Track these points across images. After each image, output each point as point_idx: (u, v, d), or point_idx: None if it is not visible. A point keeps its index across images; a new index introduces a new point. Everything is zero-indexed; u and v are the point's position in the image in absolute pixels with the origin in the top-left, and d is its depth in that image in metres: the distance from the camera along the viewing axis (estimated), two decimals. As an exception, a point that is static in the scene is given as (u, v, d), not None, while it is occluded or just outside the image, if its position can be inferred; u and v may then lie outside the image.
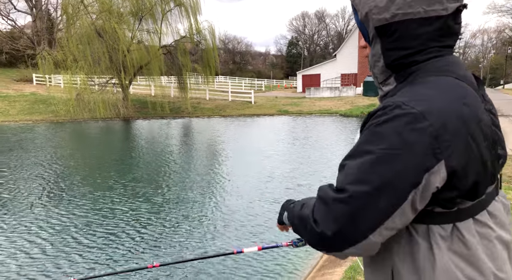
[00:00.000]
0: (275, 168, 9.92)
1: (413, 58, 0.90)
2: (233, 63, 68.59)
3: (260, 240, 5.57)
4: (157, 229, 5.94)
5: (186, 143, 15.23)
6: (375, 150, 0.81)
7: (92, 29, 22.14)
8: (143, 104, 25.94)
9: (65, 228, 5.97)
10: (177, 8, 24.19)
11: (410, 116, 0.79)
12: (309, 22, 72.75)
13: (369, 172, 0.80)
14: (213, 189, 8.24)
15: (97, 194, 7.77)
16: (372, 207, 0.80)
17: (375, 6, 0.90)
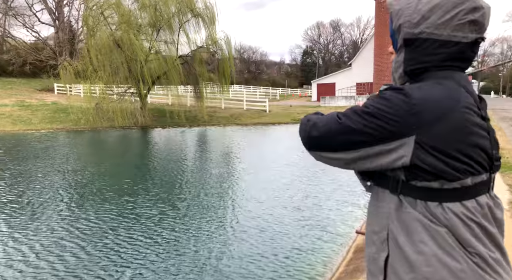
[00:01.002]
0: (293, 176, 9.92)
1: (427, 70, 1.07)
2: (248, 72, 69.07)
3: (281, 246, 5.60)
4: (181, 233, 6.02)
5: (203, 151, 15.40)
6: (370, 106, 1.01)
7: (111, 40, 22.73)
8: (160, 112, 26.35)
9: (92, 232, 6.09)
10: (194, 19, 24.61)
11: (403, 93, 0.98)
12: (324, 32, 72.96)
13: (357, 116, 1.01)
14: (232, 195, 8.29)
15: (121, 199, 7.91)
16: (341, 137, 1.03)
17: (408, 21, 1.06)
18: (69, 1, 42.75)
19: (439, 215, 0.97)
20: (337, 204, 7.65)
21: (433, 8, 1.02)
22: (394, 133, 0.97)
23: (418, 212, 0.99)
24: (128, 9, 24.43)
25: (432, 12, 1.02)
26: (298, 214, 7.07)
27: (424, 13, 1.03)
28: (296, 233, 6.13)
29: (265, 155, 14.00)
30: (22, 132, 21.50)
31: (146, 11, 24.06)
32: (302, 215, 6.99)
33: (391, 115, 0.96)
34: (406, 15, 1.06)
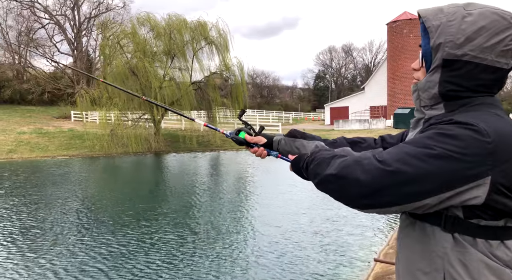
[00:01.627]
0: (311, 200, 9.67)
1: (466, 94, 0.99)
2: (261, 96, 69.75)
3: (300, 271, 5.46)
4: (200, 258, 5.83)
5: (216, 175, 15.27)
6: (434, 147, 0.89)
7: (126, 68, 23.32)
8: (173, 138, 26.55)
9: (112, 257, 6.06)
10: (207, 46, 25.14)
11: (475, 129, 0.88)
12: (336, 56, 73.66)
13: (419, 160, 0.88)
14: (250, 219, 8.17)
15: (139, 223, 7.84)
16: (402, 189, 0.89)
17: (451, 40, 0.96)
18: (87, 31, 44.58)
19: (501, 254, 0.93)
20: (356, 229, 7.42)
21: (480, 30, 0.94)
22: (469, 176, 0.88)
23: (480, 252, 0.93)
24: (143, 38, 25.21)
25: (478, 34, 0.94)
26: (317, 239, 6.94)
27: (470, 35, 0.95)
28: (315, 258, 6.02)
29: (280, 179, 13.77)
30: (40, 159, 21.85)
31: (161, 39, 24.75)
32: (321, 240, 6.87)
33: (465, 157, 0.87)
34: (449, 33, 0.97)
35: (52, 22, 42.50)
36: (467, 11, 0.97)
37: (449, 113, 1.00)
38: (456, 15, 0.97)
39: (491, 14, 0.95)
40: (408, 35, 33.38)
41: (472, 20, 0.95)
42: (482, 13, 0.95)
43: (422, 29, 1.04)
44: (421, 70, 1.08)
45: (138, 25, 24.73)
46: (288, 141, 1.45)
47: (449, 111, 1.01)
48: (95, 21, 39.69)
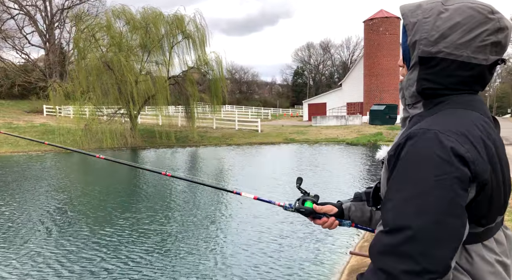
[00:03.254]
0: (286, 193, 9.71)
1: (443, 92, 0.98)
2: (240, 92, 69.63)
3: (275, 263, 5.40)
4: (162, 259, 5.74)
5: (194, 171, 15.12)
6: (427, 177, 0.85)
7: (101, 62, 22.74)
8: (150, 133, 26.13)
9: (64, 259, 5.81)
10: (184, 41, 24.84)
11: (449, 144, 0.86)
12: (314, 52, 74.25)
13: (426, 200, 0.83)
14: (222, 216, 8.06)
15: (102, 225, 7.62)
16: (445, 234, 0.82)
17: (426, 38, 0.96)
18: (60, 23, 43.11)
19: (462, 259, 0.94)
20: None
21: (454, 26, 0.93)
22: (469, 180, 0.87)
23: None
24: (119, 31, 24.62)
25: (452, 31, 0.93)
26: (293, 232, 6.96)
27: (444, 31, 0.93)
28: (290, 252, 6.03)
29: (259, 174, 13.80)
30: (9, 155, 21.04)
31: (137, 33, 24.24)
32: (297, 234, 6.88)
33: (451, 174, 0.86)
34: (423, 31, 0.96)
35: (22, 13, 40.86)
36: (444, 6, 0.95)
37: (427, 112, 0.99)
38: (433, 11, 0.95)
39: (467, 9, 0.93)
40: (384, 33, 34.01)
41: (448, 16, 0.93)
42: (458, 9, 0.93)
43: (402, 26, 1.04)
44: (404, 68, 1.07)
45: (113, 18, 24.13)
46: (357, 206, 1.35)
47: (427, 109, 1.00)
48: (68, 13, 38.40)
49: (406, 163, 0.89)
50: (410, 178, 0.87)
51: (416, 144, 0.89)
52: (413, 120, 1.02)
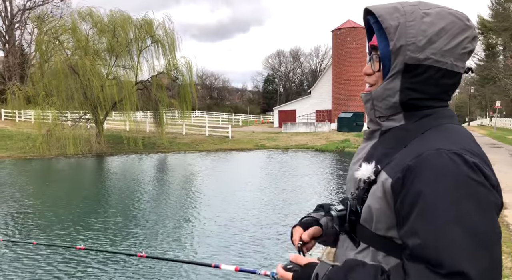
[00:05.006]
0: (255, 201, 9.68)
1: (428, 103, 0.92)
2: (211, 98, 69.32)
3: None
4: (129, 267, 5.53)
5: (160, 179, 14.79)
6: (469, 207, 0.76)
7: (66, 65, 21.95)
8: (117, 139, 25.40)
9: (36, 267, 5.46)
10: (154, 45, 24.50)
11: (473, 164, 0.79)
12: (284, 60, 75.28)
13: (478, 235, 0.75)
14: (189, 225, 7.90)
15: (63, 236, 7.26)
16: (499, 270, 0.76)
17: (413, 43, 0.87)
18: (21, 24, 41.31)
19: None
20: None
21: (440, 31, 0.87)
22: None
23: None
24: (85, 34, 23.89)
25: (439, 36, 0.87)
26: (261, 240, 6.90)
27: (431, 36, 0.87)
28: (257, 259, 5.97)
29: (228, 181, 13.69)
30: (-38, 162, 19.76)
31: (104, 36, 23.62)
32: (263, 242, 6.80)
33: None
34: (410, 35, 0.87)
35: (-20, 12, 38.82)
36: (423, 10, 0.89)
37: (413, 125, 0.92)
38: (414, 15, 0.88)
39: (448, 15, 0.89)
40: (352, 43, 35.02)
41: (431, 20, 0.87)
42: (439, 13, 0.88)
43: (377, 29, 0.94)
44: (375, 75, 0.97)
45: (79, 20, 23.41)
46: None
47: (413, 122, 0.92)
48: (30, 14, 36.87)
49: (437, 190, 0.78)
50: (450, 208, 0.76)
51: (443, 167, 0.79)
52: (396, 134, 0.93)
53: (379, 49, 0.94)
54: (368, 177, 0.91)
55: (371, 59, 0.98)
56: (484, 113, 56.36)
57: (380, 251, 0.91)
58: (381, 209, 0.88)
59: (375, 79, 0.97)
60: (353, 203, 0.96)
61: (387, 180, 0.86)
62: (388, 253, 0.89)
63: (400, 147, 0.90)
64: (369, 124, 1.01)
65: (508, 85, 31.77)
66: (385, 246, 0.90)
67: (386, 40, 0.91)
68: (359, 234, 0.95)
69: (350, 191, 1.01)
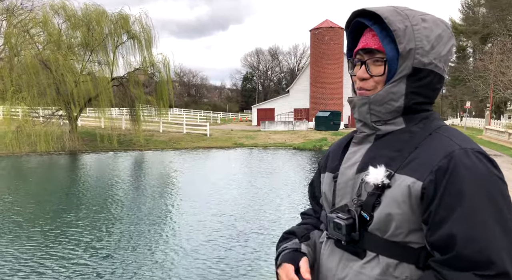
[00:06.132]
0: (232, 200, 9.66)
1: (425, 107, 0.94)
2: (188, 95, 68.61)
3: (222, 269, 5.36)
4: (103, 268, 5.40)
5: (135, 177, 14.53)
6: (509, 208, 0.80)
7: (37, 60, 21.17)
8: (92, 136, 24.77)
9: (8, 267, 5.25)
10: (130, 41, 23.99)
11: (494, 162, 0.84)
12: (263, 58, 75.33)
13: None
14: (164, 224, 7.80)
15: (34, 236, 7.01)
16: None
17: (421, 47, 0.88)
18: (-11, 16, 39.53)
19: None
20: (277, 231, 7.55)
21: (438, 37, 0.90)
22: None
23: None
24: (57, 28, 23.11)
25: (438, 42, 0.89)
26: (238, 239, 6.90)
27: (433, 42, 0.89)
28: (236, 257, 5.98)
29: (204, 180, 13.60)
30: None
31: (78, 31, 22.93)
32: (243, 239, 6.83)
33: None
34: (418, 39, 0.87)
35: None
36: (420, 16, 0.90)
37: (415, 127, 0.92)
38: (416, 19, 0.89)
39: (439, 22, 0.91)
40: (329, 42, 35.43)
41: (429, 26, 0.89)
42: (433, 20, 0.91)
43: (378, 31, 0.92)
44: (372, 79, 0.94)
45: (51, 13, 22.61)
46: (311, 249, 1.08)
47: (412, 125, 0.93)
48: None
49: (476, 190, 0.79)
50: (490, 208, 0.78)
51: (474, 166, 0.81)
52: (399, 137, 0.92)
53: (387, 52, 0.91)
54: (381, 182, 0.87)
55: (364, 63, 0.95)
56: (455, 113, 58.36)
57: (392, 258, 0.87)
58: (404, 213, 0.85)
59: (373, 84, 0.94)
60: (358, 210, 0.91)
61: (415, 183, 0.83)
62: (402, 259, 0.87)
63: (409, 150, 0.89)
64: (362, 128, 0.98)
65: (477, 86, 33.02)
66: (399, 253, 0.87)
67: (392, 43, 0.90)
68: (367, 243, 0.90)
69: (346, 197, 0.96)
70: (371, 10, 0.93)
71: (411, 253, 0.86)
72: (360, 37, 0.99)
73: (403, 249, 0.87)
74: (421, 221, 0.85)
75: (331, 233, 0.95)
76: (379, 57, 0.93)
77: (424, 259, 0.85)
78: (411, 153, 0.88)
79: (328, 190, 1.03)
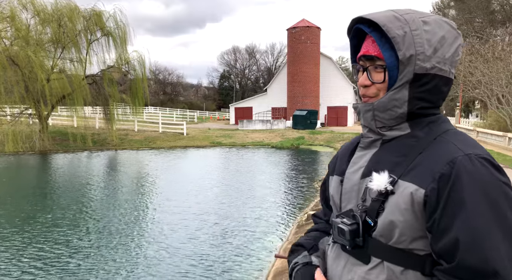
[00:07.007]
0: (208, 199, 9.56)
1: (431, 111, 0.93)
2: (164, 94, 67.55)
3: (201, 269, 5.30)
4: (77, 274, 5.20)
5: (111, 177, 14.13)
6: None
7: (4, 56, 20.24)
8: (64, 136, 23.97)
9: None
10: (104, 38, 23.36)
11: (499, 167, 0.82)
12: (240, 57, 75.08)
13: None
14: (144, 223, 7.62)
15: (10, 238, 6.68)
16: None
17: (423, 52, 0.87)
18: (-48, 9, 37.48)
19: None
20: (257, 227, 7.57)
21: (441, 40, 0.88)
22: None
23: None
24: (26, 23, 22.19)
25: (441, 45, 0.88)
26: (219, 238, 6.88)
27: (436, 45, 0.87)
28: (216, 257, 5.98)
29: (182, 179, 13.40)
30: None
31: (48, 26, 22.10)
32: (223, 239, 6.81)
33: None
34: (418, 44, 0.86)
35: None
36: (420, 18, 0.89)
37: (421, 132, 0.91)
38: (416, 23, 0.88)
39: (443, 23, 0.90)
40: (306, 42, 35.74)
41: (432, 29, 0.88)
42: (436, 22, 0.89)
43: (378, 38, 0.91)
44: (374, 86, 0.94)
45: (19, 7, 21.67)
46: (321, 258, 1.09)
47: (417, 130, 0.92)
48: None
49: (479, 198, 0.78)
50: (495, 215, 0.77)
51: (478, 173, 0.79)
52: (404, 142, 0.91)
53: (386, 59, 0.90)
54: (385, 188, 0.87)
55: (366, 69, 0.95)
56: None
57: (397, 265, 0.86)
58: (407, 221, 0.84)
59: (375, 91, 0.94)
60: (363, 216, 0.91)
61: (418, 190, 0.83)
62: (407, 266, 0.86)
63: (414, 155, 0.88)
64: (368, 134, 0.98)
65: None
66: (404, 259, 0.86)
67: (391, 50, 0.89)
68: (371, 249, 0.90)
69: (352, 202, 0.96)
70: (368, 18, 0.91)
71: (417, 260, 0.86)
72: (362, 41, 0.98)
73: (408, 256, 0.86)
74: (425, 228, 0.84)
75: (336, 238, 0.95)
76: (379, 64, 0.92)
77: (430, 266, 0.84)
78: (415, 158, 0.87)
79: (335, 193, 1.04)
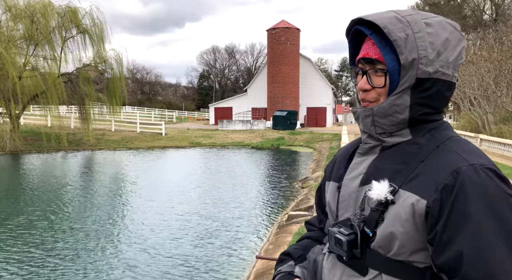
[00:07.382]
0: (190, 200, 9.44)
1: (434, 117, 0.89)
2: (142, 93, 66.43)
3: (183, 270, 5.25)
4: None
5: (88, 178, 13.75)
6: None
7: (-27, 52, 19.38)
8: (37, 135, 23.16)
9: None
10: (80, 36, 22.76)
11: (505, 178, 0.79)
12: (219, 57, 74.71)
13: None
14: (125, 224, 7.44)
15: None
16: None
17: (425, 56, 0.83)
18: None
19: None
20: (238, 228, 7.55)
21: (445, 43, 0.84)
22: None
23: None
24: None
25: (445, 48, 0.84)
26: (199, 239, 6.84)
27: (439, 49, 0.83)
28: (197, 258, 5.93)
29: (163, 180, 13.18)
30: None
31: (20, 22, 21.32)
32: (203, 241, 6.77)
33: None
34: (421, 48, 0.82)
35: None
36: (423, 20, 0.85)
37: (422, 138, 0.87)
38: (419, 25, 0.84)
39: (447, 24, 0.86)
40: (286, 43, 35.95)
41: (435, 31, 0.84)
42: (440, 23, 0.86)
43: (378, 41, 0.87)
44: (375, 91, 0.90)
45: (-11, 2, 20.80)
46: (308, 270, 1.06)
47: (419, 136, 0.88)
48: None
49: (484, 211, 0.75)
50: (501, 230, 0.75)
51: (484, 185, 0.76)
52: (405, 149, 0.88)
53: (387, 63, 0.86)
54: (385, 198, 0.83)
55: (366, 73, 0.90)
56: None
57: (396, 278, 0.83)
58: (407, 232, 0.81)
59: (375, 95, 0.90)
60: (361, 226, 0.87)
61: (419, 201, 0.79)
62: (406, 279, 0.83)
63: (415, 163, 0.84)
64: (367, 140, 0.93)
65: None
66: (403, 272, 0.83)
67: (392, 53, 0.85)
68: (369, 260, 0.86)
69: (349, 210, 0.92)
70: (368, 19, 0.87)
71: (416, 272, 0.82)
72: (362, 42, 0.93)
73: (407, 269, 0.83)
74: (426, 241, 0.80)
75: (332, 248, 0.91)
76: (380, 68, 0.88)
77: (430, 279, 0.82)
78: (416, 167, 0.83)
79: (332, 200, 1.00)
